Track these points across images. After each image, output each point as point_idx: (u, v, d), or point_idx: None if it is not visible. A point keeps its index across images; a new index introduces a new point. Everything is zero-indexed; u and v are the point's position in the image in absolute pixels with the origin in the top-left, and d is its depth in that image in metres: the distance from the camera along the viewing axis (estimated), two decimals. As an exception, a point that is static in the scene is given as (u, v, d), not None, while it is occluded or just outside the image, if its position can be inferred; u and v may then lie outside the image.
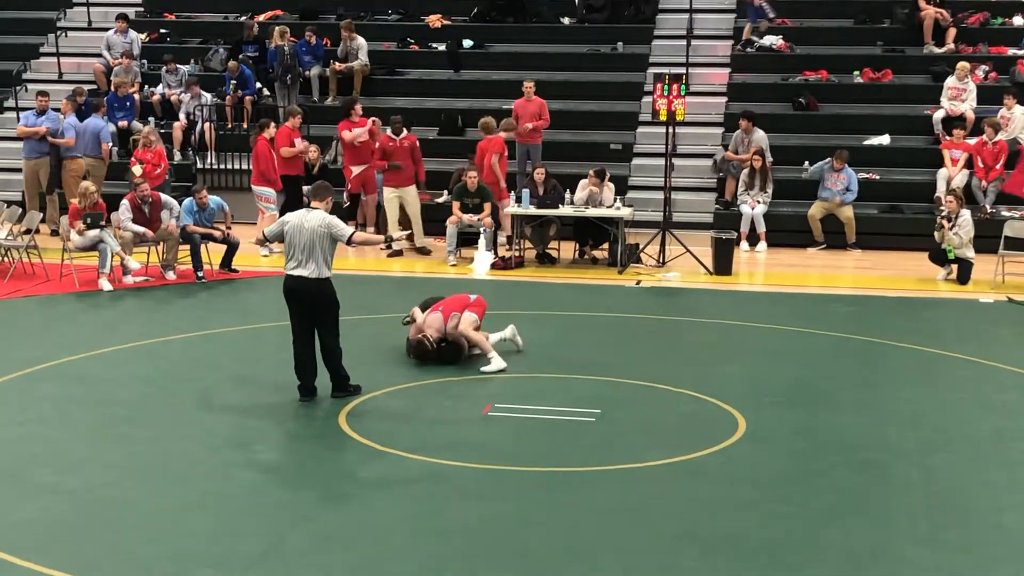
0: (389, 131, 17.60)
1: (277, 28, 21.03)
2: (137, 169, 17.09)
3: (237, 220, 16.83)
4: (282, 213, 16.69)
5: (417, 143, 17.56)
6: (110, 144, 18.93)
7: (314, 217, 9.86)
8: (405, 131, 17.57)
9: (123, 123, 20.21)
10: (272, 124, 17.68)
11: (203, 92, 20.69)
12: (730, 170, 18.82)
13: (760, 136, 18.59)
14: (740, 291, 15.43)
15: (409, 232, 15.02)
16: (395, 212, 17.27)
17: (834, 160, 17.86)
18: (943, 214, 15.59)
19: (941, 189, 17.83)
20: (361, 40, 21.33)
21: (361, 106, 18.32)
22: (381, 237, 10.51)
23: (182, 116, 20.67)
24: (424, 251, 17.20)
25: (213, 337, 12.39)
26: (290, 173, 17.67)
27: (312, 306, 9.90)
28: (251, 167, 17.83)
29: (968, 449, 9.06)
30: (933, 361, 11.69)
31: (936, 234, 15.55)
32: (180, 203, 15.59)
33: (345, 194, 18.05)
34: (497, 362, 11.08)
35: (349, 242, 9.95)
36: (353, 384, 10.20)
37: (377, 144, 17.66)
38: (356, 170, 18.04)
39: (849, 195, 17.80)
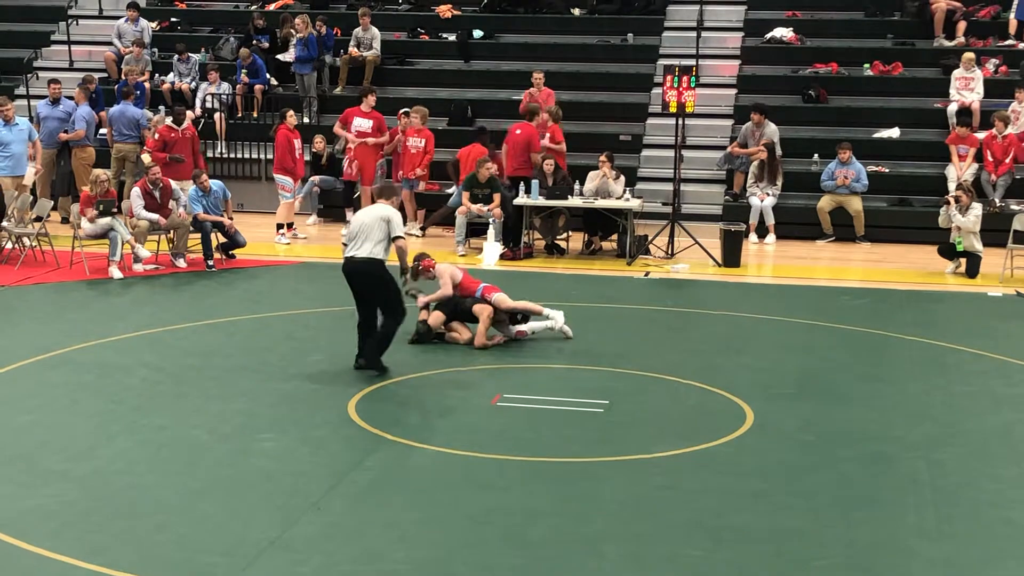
0: (169, 120, 17.49)
1: (299, 17, 20.93)
2: (146, 158, 17.14)
3: (248, 210, 16.85)
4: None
5: (196, 135, 17.11)
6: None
7: (378, 207, 10.55)
8: (188, 121, 17.38)
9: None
10: (292, 113, 17.62)
11: (220, 80, 20.73)
12: (736, 164, 18.79)
13: (772, 130, 18.51)
14: (749, 283, 15.43)
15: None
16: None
17: (839, 152, 17.87)
18: (951, 197, 15.51)
19: (952, 189, 17.64)
20: (375, 30, 21.35)
21: (375, 96, 18.36)
22: (410, 265, 11.01)
23: (198, 105, 20.67)
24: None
25: (223, 325, 12.41)
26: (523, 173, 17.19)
27: (361, 284, 10.39)
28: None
29: (976, 443, 9.06)
30: (941, 354, 11.68)
31: (940, 217, 15.53)
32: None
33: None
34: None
35: (394, 241, 10.41)
36: (383, 365, 10.48)
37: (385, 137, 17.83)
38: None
39: (858, 185, 17.79)
